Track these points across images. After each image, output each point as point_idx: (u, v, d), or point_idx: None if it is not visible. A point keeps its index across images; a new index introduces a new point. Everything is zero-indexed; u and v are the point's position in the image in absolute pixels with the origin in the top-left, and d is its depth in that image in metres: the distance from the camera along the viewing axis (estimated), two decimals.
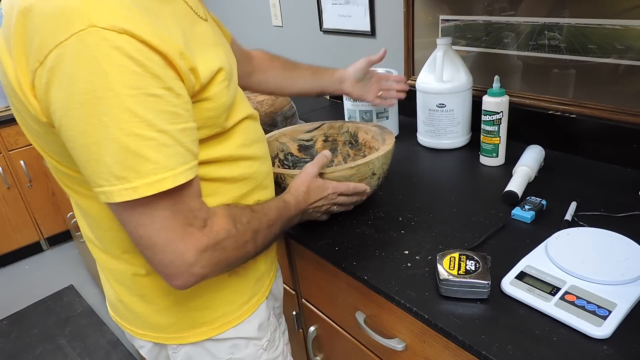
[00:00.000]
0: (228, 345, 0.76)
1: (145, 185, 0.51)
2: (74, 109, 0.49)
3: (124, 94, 0.48)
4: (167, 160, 0.52)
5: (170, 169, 0.52)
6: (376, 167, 0.90)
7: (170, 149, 0.52)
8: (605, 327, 0.61)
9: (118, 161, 0.50)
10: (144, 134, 0.50)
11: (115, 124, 0.49)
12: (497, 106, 1.05)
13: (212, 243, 0.58)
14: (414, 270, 0.78)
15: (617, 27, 0.97)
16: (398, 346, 0.80)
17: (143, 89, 0.49)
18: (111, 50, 0.48)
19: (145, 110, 0.50)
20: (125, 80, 0.48)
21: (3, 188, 2.52)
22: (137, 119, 0.49)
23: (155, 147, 0.51)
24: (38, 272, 2.63)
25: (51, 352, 2.02)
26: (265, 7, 2.01)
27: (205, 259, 0.58)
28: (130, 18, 0.49)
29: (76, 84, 0.48)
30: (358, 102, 1.28)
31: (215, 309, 0.73)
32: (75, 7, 0.47)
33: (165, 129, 0.52)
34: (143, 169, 0.51)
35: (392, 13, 1.44)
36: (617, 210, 0.87)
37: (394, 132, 1.34)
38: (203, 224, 0.58)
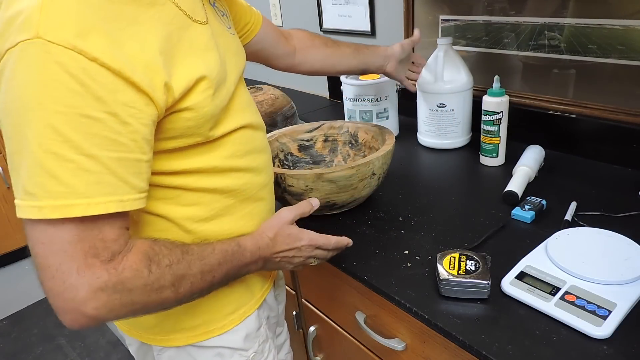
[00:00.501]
0: (212, 354, 0.74)
1: (51, 207, 0.48)
2: (4, 116, 0.48)
3: (52, 109, 0.46)
4: (84, 186, 0.48)
5: (85, 196, 0.48)
6: (376, 167, 0.89)
7: (93, 176, 0.49)
8: (605, 327, 0.61)
9: (30, 176, 0.47)
10: (63, 154, 0.47)
11: (35, 139, 0.46)
12: (497, 106, 1.05)
13: (113, 281, 0.51)
14: (414, 270, 0.78)
15: (617, 27, 0.97)
16: (398, 346, 0.80)
17: (77, 108, 0.47)
18: (51, 64, 0.46)
19: (73, 131, 0.47)
20: (58, 96, 0.46)
21: (3, 188, 2.52)
22: (59, 137, 0.46)
23: (73, 170, 0.48)
24: None
25: (51, 352, 2.02)
26: (265, 7, 2.00)
27: (101, 299, 0.50)
28: (83, 32, 0.47)
29: (11, 91, 0.47)
30: (358, 101, 1.29)
31: (197, 316, 0.71)
32: (28, 15, 0.46)
33: (94, 154, 0.48)
34: (53, 190, 0.47)
35: (392, 13, 1.44)
36: (617, 210, 0.87)
37: (394, 132, 1.34)
38: (110, 258, 0.52)
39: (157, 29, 0.54)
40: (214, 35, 0.65)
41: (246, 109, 0.71)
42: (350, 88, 1.29)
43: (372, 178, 0.91)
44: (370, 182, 0.91)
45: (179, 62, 0.56)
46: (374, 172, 0.90)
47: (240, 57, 0.73)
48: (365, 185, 0.90)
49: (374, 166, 0.89)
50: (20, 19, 0.47)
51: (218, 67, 0.61)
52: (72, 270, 0.49)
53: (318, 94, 1.89)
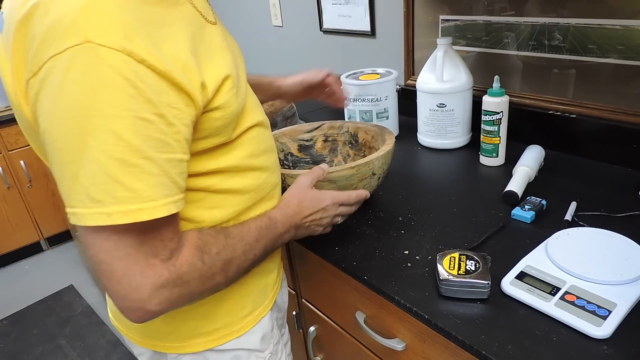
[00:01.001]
0: (229, 357, 0.74)
1: (120, 212, 0.48)
2: (56, 124, 0.47)
3: (112, 115, 0.46)
4: (148, 189, 0.49)
5: (151, 199, 0.49)
6: (376, 167, 0.90)
7: (154, 178, 0.49)
8: (605, 327, 0.61)
9: (95, 183, 0.47)
10: (127, 159, 0.47)
11: (98, 146, 0.46)
12: (497, 106, 1.05)
13: (173, 278, 0.54)
14: (414, 270, 0.78)
15: (617, 27, 0.97)
16: (398, 346, 0.80)
17: (133, 111, 0.47)
18: (105, 68, 0.45)
19: (133, 135, 0.47)
20: (114, 100, 0.46)
21: (3, 188, 2.52)
22: (121, 142, 0.47)
23: (138, 174, 0.48)
24: (38, 272, 2.63)
25: (51, 352, 2.02)
26: (265, 7, 2.01)
27: (163, 295, 0.53)
28: (130, 34, 0.47)
29: (62, 99, 0.46)
30: (358, 101, 1.29)
31: (215, 320, 0.71)
32: (72, 20, 0.46)
33: (152, 156, 0.49)
34: (120, 196, 0.48)
35: (392, 13, 1.44)
36: (617, 210, 0.87)
37: (394, 132, 1.34)
38: (169, 256, 0.54)
39: (184, 30, 0.54)
40: (224, 35, 0.65)
41: (256, 108, 0.72)
42: (351, 88, 1.29)
43: (372, 178, 0.91)
44: (370, 182, 0.91)
45: (206, 62, 0.56)
46: (374, 172, 0.90)
47: (242, 56, 0.74)
48: (365, 185, 0.90)
49: (374, 166, 0.89)
50: (63, 24, 0.46)
51: (234, 66, 0.62)
52: (137, 273, 0.51)
53: None
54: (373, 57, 1.59)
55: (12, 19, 0.50)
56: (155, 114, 0.48)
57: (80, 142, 0.46)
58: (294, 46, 1.94)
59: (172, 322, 0.70)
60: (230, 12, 2.26)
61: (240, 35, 2.25)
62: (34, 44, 0.47)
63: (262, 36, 2.10)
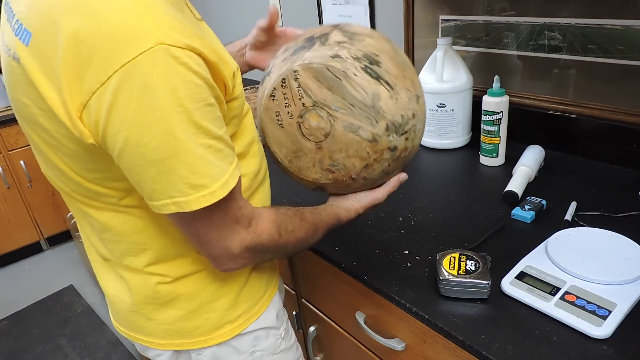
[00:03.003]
0: (251, 338, 0.77)
1: (220, 187, 0.54)
2: (146, 127, 0.49)
3: (192, 108, 0.50)
4: (223, 163, 0.56)
5: (227, 170, 0.56)
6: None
7: (223, 152, 0.56)
8: (605, 327, 0.61)
9: (195, 171, 0.52)
10: (206, 142, 0.53)
11: (187, 137, 0.51)
12: (497, 106, 1.05)
13: (254, 243, 0.62)
14: (414, 270, 0.78)
15: (617, 27, 0.97)
16: (398, 346, 0.80)
17: (205, 100, 0.52)
18: (179, 66, 0.49)
19: (206, 121, 0.53)
20: (192, 94, 0.50)
21: (3, 188, 2.52)
22: (200, 130, 0.52)
23: (215, 152, 0.54)
24: (38, 272, 2.63)
25: (51, 352, 2.02)
26: (265, 7, 2.00)
27: (248, 253, 0.62)
28: (186, 32, 0.51)
29: (149, 102, 0.48)
30: None
31: (238, 307, 0.74)
32: (138, 26, 0.47)
33: (219, 134, 0.55)
34: (215, 174, 0.54)
35: (392, 13, 1.44)
36: (617, 210, 0.87)
37: None
38: (248, 223, 0.61)
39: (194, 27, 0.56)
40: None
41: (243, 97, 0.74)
42: None
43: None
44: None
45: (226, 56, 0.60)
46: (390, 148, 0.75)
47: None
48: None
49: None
50: (128, 31, 0.47)
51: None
52: (227, 237, 0.60)
53: None
54: None
55: (49, 31, 0.50)
56: (214, 97, 0.54)
57: (172, 138, 0.50)
58: None
59: (199, 315, 0.72)
60: (230, 12, 2.26)
61: (241, 35, 2.25)
62: (97, 55, 0.47)
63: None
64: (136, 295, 0.71)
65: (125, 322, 0.77)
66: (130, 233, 0.66)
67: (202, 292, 0.71)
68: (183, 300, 0.71)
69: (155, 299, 0.71)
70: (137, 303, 0.72)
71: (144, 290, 0.70)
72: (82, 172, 0.61)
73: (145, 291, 0.70)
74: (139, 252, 0.67)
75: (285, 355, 0.83)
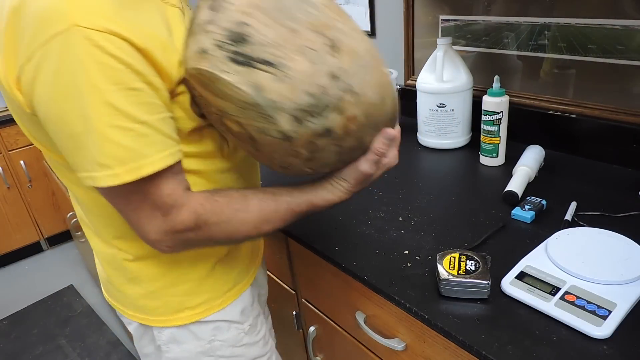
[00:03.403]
0: (211, 328, 0.79)
1: (125, 171, 0.55)
2: (59, 102, 0.52)
3: (105, 89, 0.51)
4: (145, 148, 0.55)
5: (148, 156, 0.55)
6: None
7: (149, 138, 0.55)
8: (605, 327, 0.61)
9: (101, 150, 0.53)
10: (123, 125, 0.53)
11: (97, 117, 0.52)
12: (497, 106, 1.05)
13: (172, 231, 0.61)
14: (414, 270, 0.78)
15: (617, 27, 0.97)
16: (398, 346, 0.80)
17: (124, 84, 0.52)
18: (93, 48, 0.50)
19: (126, 104, 0.53)
20: (106, 76, 0.51)
21: (3, 188, 2.52)
22: (116, 111, 0.52)
23: (134, 137, 0.54)
24: (38, 272, 2.63)
25: (51, 352, 2.02)
26: None
27: (168, 241, 0.61)
28: (112, 17, 0.51)
29: (61, 81, 0.51)
30: None
31: (199, 296, 0.76)
32: (58, 7, 0.49)
33: (145, 119, 0.55)
34: (123, 157, 0.54)
35: (392, 13, 1.44)
36: (617, 210, 0.87)
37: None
38: (168, 212, 0.60)
39: (155, 10, 0.57)
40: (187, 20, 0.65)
41: None
42: None
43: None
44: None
45: (180, 43, 0.59)
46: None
47: None
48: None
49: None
50: (50, 11, 0.49)
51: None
52: (144, 222, 0.60)
53: None
54: None
55: (2, 8, 0.53)
56: (144, 82, 0.54)
57: (83, 116, 0.52)
58: None
59: (160, 297, 0.75)
60: None
61: None
62: (27, 32, 0.50)
63: None
64: (107, 267, 0.77)
65: (106, 289, 0.84)
66: (95, 206, 0.69)
67: (162, 277, 0.74)
68: (145, 281, 0.74)
69: (122, 274, 0.75)
70: (109, 274, 0.78)
71: (112, 263, 0.75)
72: (44, 144, 0.64)
73: (114, 264, 0.75)
74: (105, 226, 0.71)
75: (249, 349, 0.85)
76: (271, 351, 0.92)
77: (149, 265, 0.73)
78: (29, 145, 2.54)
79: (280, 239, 1.06)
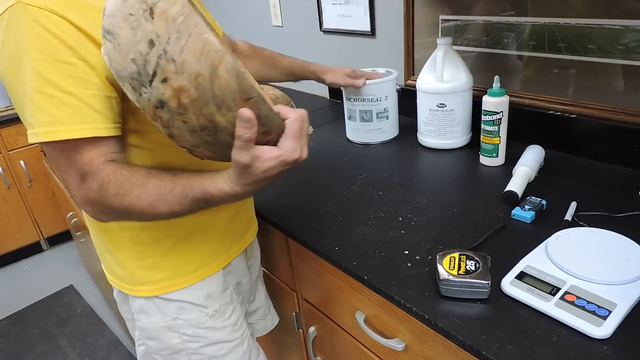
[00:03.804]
0: (175, 307, 0.85)
1: (43, 133, 0.61)
2: (6, 67, 0.61)
3: (36, 58, 0.59)
4: (65, 116, 0.61)
5: (67, 124, 0.61)
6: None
7: (72, 108, 0.61)
8: (605, 327, 0.61)
9: (29, 110, 0.61)
10: (49, 92, 0.60)
11: (29, 82, 0.60)
12: (497, 106, 1.05)
13: (86, 199, 0.66)
14: (414, 270, 0.78)
15: (617, 27, 0.97)
16: (398, 346, 0.80)
17: (54, 55, 0.59)
18: (32, 22, 0.58)
19: (53, 74, 0.59)
20: (38, 47, 0.59)
21: (3, 188, 2.52)
22: (43, 79, 0.59)
23: (57, 104, 0.60)
24: (38, 272, 2.63)
25: (51, 352, 2.02)
26: (265, 7, 2.00)
27: (87, 206, 0.67)
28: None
29: (5, 48, 0.60)
30: (358, 101, 1.28)
31: (160, 272, 0.82)
32: None
33: (72, 91, 0.61)
34: (43, 120, 0.61)
35: (392, 13, 1.44)
36: (617, 210, 0.87)
37: (394, 132, 1.34)
38: (83, 179, 0.65)
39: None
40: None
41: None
42: (351, 88, 1.29)
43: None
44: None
45: None
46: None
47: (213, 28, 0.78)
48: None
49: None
50: None
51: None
52: (71, 184, 0.67)
53: (318, 94, 1.89)
54: (373, 57, 1.59)
55: None
56: (77, 58, 0.60)
57: (21, 81, 0.60)
58: (294, 46, 1.94)
59: (126, 268, 0.83)
60: (230, 12, 2.26)
61: (241, 35, 2.25)
62: None
63: (262, 36, 2.10)
64: (93, 236, 0.87)
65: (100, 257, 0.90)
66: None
67: (128, 249, 0.81)
68: (114, 251, 0.83)
69: (101, 242, 0.85)
70: (94, 242, 0.88)
71: (93, 232, 0.85)
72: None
73: (94, 234, 0.85)
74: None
75: (213, 333, 0.89)
76: (242, 338, 0.95)
77: (117, 237, 0.80)
78: (29, 145, 2.54)
79: (280, 238, 1.06)
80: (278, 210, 1.03)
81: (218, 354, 0.91)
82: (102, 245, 0.85)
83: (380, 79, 1.27)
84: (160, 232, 0.80)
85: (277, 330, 1.18)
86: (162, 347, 0.88)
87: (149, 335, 0.88)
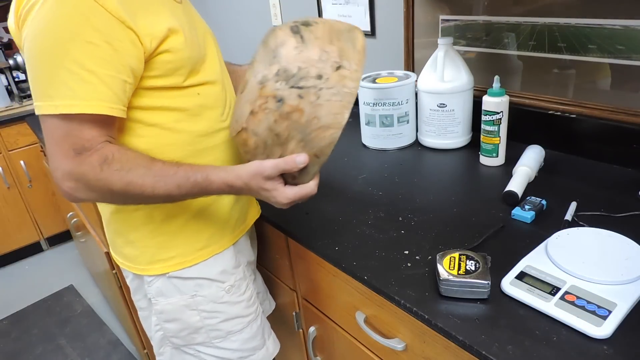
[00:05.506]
0: (193, 284, 0.87)
1: (64, 105, 0.65)
2: (37, 42, 0.65)
3: (66, 38, 0.63)
4: (84, 92, 0.65)
5: (83, 99, 0.65)
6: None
7: (91, 85, 0.65)
8: (605, 327, 0.61)
9: (51, 83, 0.65)
10: (71, 68, 0.64)
11: (54, 57, 0.64)
12: (497, 106, 1.05)
13: (75, 172, 0.67)
14: (414, 270, 0.78)
15: (617, 27, 0.97)
16: (398, 346, 0.80)
17: (83, 36, 0.64)
18: (67, 3, 0.63)
19: (80, 53, 0.64)
20: (68, 27, 0.63)
21: (3, 188, 2.52)
22: (69, 56, 0.64)
23: (78, 80, 0.64)
24: (38, 272, 2.63)
25: (51, 352, 2.02)
26: (265, 7, 2.01)
27: (69, 183, 0.68)
28: None
29: (39, 24, 0.64)
30: (378, 106, 1.23)
31: (171, 249, 0.85)
32: None
33: (94, 69, 0.65)
34: (64, 93, 0.65)
35: (392, 13, 1.44)
36: (617, 210, 0.87)
37: (412, 137, 1.28)
38: (80, 152, 0.67)
39: None
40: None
41: (211, 71, 0.82)
42: (369, 92, 1.23)
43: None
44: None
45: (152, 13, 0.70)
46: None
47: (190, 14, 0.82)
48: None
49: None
50: None
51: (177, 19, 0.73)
52: (58, 156, 0.67)
53: None
54: (373, 57, 1.59)
55: None
56: (103, 41, 0.65)
57: (44, 54, 0.65)
58: None
59: (137, 247, 0.85)
60: (230, 12, 2.26)
61: (241, 35, 2.25)
62: None
63: (262, 36, 2.10)
64: (104, 221, 0.88)
65: (111, 246, 0.92)
66: None
67: (138, 229, 0.83)
68: (125, 232, 0.85)
69: (112, 225, 0.87)
70: (106, 227, 0.90)
71: (105, 216, 0.87)
72: None
73: (105, 217, 0.87)
74: None
75: (230, 307, 0.91)
76: (256, 314, 0.98)
77: (130, 216, 0.82)
78: (29, 145, 2.54)
79: (280, 239, 1.06)
80: (278, 210, 1.03)
81: (235, 329, 0.93)
82: (113, 228, 0.87)
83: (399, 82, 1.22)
84: (171, 210, 0.82)
85: (277, 331, 1.18)
86: (181, 328, 0.90)
87: (168, 318, 0.89)
